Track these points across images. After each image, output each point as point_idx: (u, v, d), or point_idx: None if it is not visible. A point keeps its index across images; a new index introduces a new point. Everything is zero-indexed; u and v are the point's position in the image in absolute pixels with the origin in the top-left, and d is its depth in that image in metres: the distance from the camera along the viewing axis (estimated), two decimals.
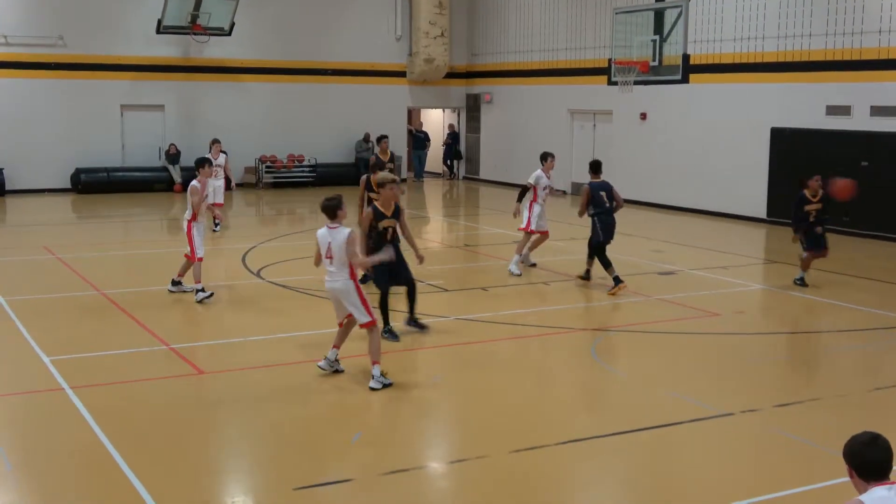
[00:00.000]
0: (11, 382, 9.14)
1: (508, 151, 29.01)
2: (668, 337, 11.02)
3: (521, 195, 14.88)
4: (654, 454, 7.48)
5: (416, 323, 10.93)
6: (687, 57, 21.67)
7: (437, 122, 34.09)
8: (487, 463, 7.17)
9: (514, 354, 10.47)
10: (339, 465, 7.14)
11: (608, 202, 13.44)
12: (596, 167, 13.74)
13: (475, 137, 31.35)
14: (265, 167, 28.08)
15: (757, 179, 21.09)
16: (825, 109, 19.58)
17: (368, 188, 13.02)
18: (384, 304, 10.52)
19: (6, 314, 11.60)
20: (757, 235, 19.88)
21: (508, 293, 13.54)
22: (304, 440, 7.68)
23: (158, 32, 25.79)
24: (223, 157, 18.91)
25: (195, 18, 25.71)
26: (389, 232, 10.54)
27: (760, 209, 21.14)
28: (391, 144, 16.45)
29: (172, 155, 26.51)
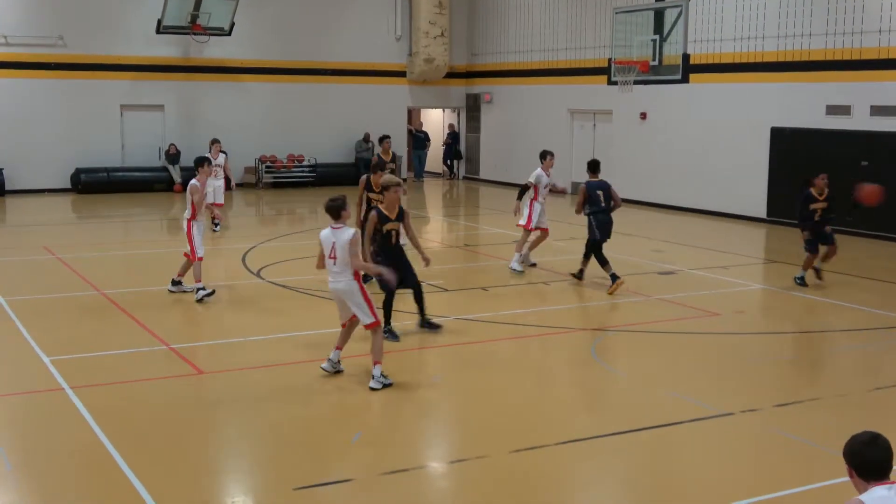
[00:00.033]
0: (11, 382, 9.15)
1: (508, 151, 29.00)
2: (668, 337, 11.02)
3: (521, 193, 14.92)
4: (654, 454, 7.48)
5: (429, 324, 10.93)
6: (687, 57, 21.69)
7: (437, 121, 34.08)
8: (487, 463, 7.17)
9: (514, 354, 10.47)
10: (339, 465, 7.14)
11: (604, 201, 13.47)
12: (593, 167, 13.77)
13: (475, 137, 31.34)
14: (265, 167, 28.08)
15: (757, 179, 21.09)
16: (825, 109, 19.58)
17: (368, 188, 13.02)
18: (388, 304, 10.51)
19: (6, 314, 11.60)
20: (757, 235, 19.88)
21: (508, 293, 13.54)
22: (303, 440, 7.68)
23: (158, 32, 25.79)
24: (223, 157, 18.90)
25: (195, 18, 25.71)
26: (394, 235, 10.40)
27: (760, 209, 21.14)
28: (391, 144, 16.45)
29: (172, 155, 26.51)
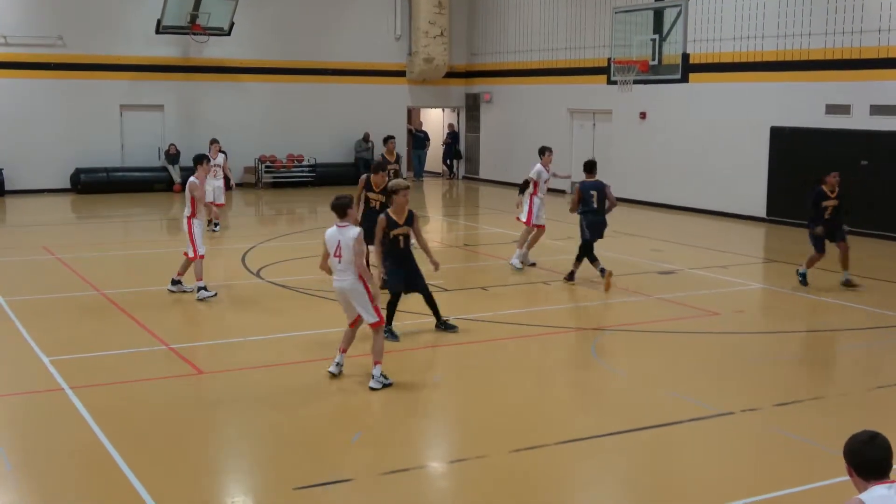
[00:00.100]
0: (11, 382, 9.15)
1: (508, 151, 28.99)
2: (667, 336, 11.02)
3: (522, 188, 14.99)
4: (654, 454, 7.48)
5: (445, 325, 10.93)
6: (686, 56, 21.72)
7: (436, 121, 34.07)
8: (487, 463, 7.17)
9: (514, 354, 10.46)
10: (339, 465, 7.14)
11: (598, 202, 13.51)
12: (589, 167, 13.82)
13: (475, 137, 31.34)
14: (265, 167, 28.08)
15: (756, 179, 21.08)
16: (825, 108, 19.58)
17: (368, 188, 13.01)
18: (392, 305, 10.49)
19: (6, 314, 11.60)
20: (756, 235, 19.87)
21: (508, 293, 13.54)
22: (303, 440, 7.68)
23: (158, 32, 25.78)
24: (222, 157, 18.91)
25: (194, 18, 25.70)
26: (401, 240, 10.34)
27: (760, 208, 21.13)
28: (396, 145, 16.46)
29: (172, 155, 26.51)
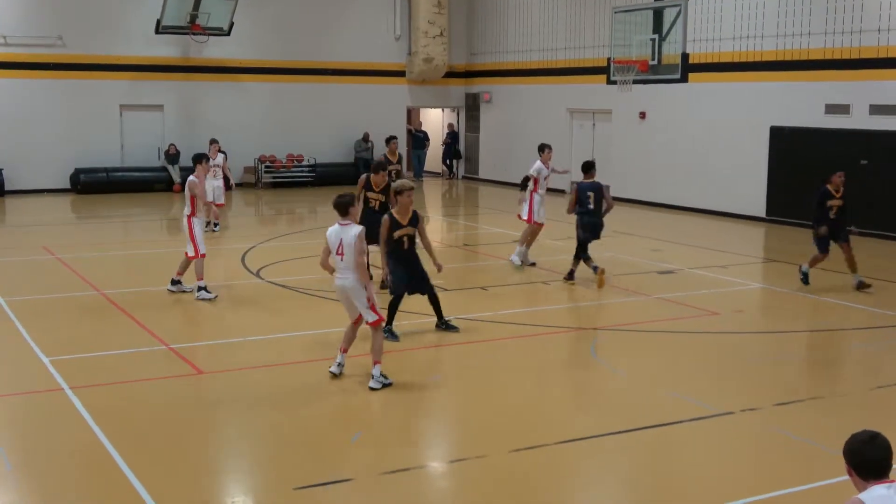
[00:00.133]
0: (11, 383, 9.15)
1: (508, 151, 28.99)
2: (667, 336, 11.02)
3: (523, 185, 15.07)
4: (654, 453, 7.48)
5: (446, 325, 10.92)
6: (686, 56, 21.73)
7: (436, 121, 34.07)
8: (487, 463, 7.17)
9: (513, 354, 10.46)
10: (339, 464, 7.14)
11: (594, 203, 13.51)
12: (587, 167, 13.83)
13: (474, 137, 31.34)
14: (264, 167, 28.08)
15: (756, 178, 21.08)
16: (824, 108, 19.58)
17: (367, 187, 13.01)
18: (393, 305, 10.49)
19: (6, 314, 11.60)
20: (756, 234, 19.88)
21: (508, 293, 13.54)
22: (303, 440, 7.68)
23: (157, 32, 25.78)
24: (221, 157, 18.91)
25: (194, 18, 25.70)
26: (405, 241, 10.32)
27: (759, 208, 21.13)
28: (398, 145, 16.47)
29: (172, 155, 26.50)
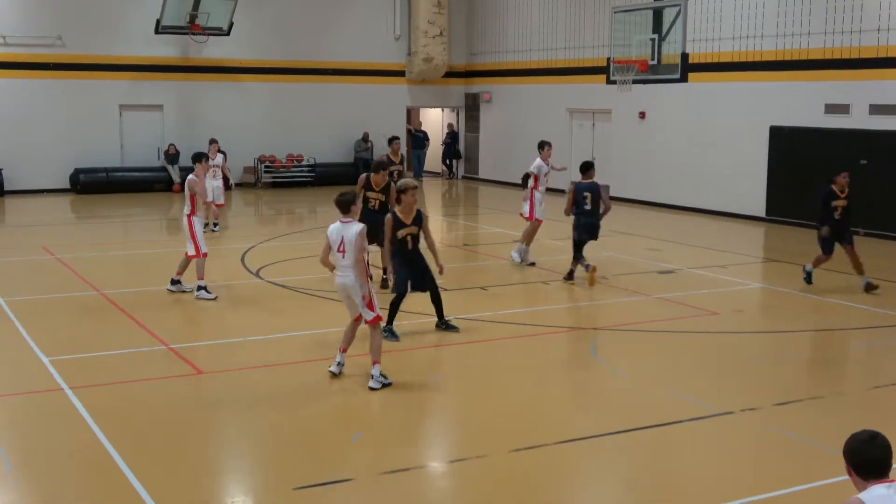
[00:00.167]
0: (11, 383, 9.15)
1: (507, 151, 28.99)
2: (667, 336, 11.02)
3: (525, 182, 15.13)
4: (653, 453, 7.48)
5: (447, 325, 10.92)
6: (686, 56, 21.73)
7: (436, 121, 34.08)
8: (487, 462, 7.18)
9: (513, 354, 10.46)
10: (338, 464, 7.14)
11: (591, 204, 13.52)
12: (584, 168, 13.85)
13: (474, 137, 31.34)
14: (264, 167, 28.08)
15: (756, 178, 21.08)
16: (824, 108, 19.58)
17: (367, 187, 13.00)
18: (395, 304, 10.49)
19: (6, 315, 11.60)
20: (756, 234, 19.88)
21: (508, 293, 13.54)
22: (303, 440, 7.68)
23: (157, 32, 25.78)
24: (221, 157, 18.90)
25: (194, 18, 25.69)
26: (409, 241, 10.31)
27: (759, 208, 21.14)
28: (400, 146, 16.49)
29: (172, 155, 26.50)
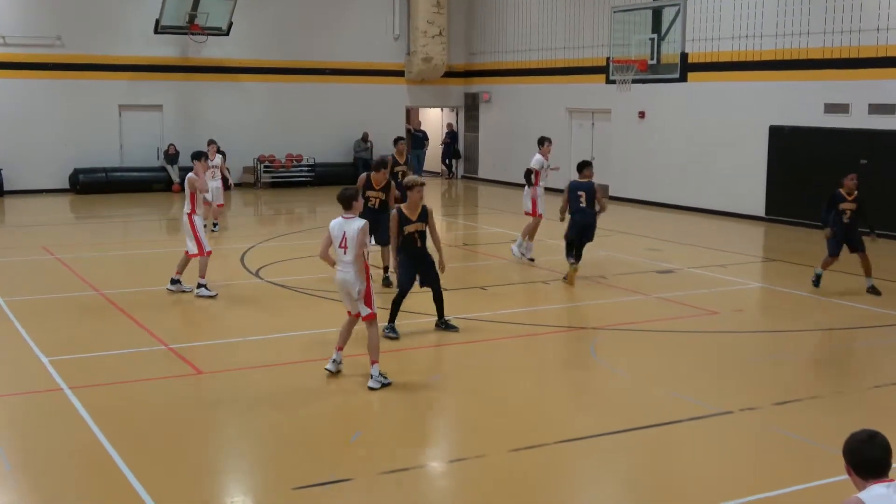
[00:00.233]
0: (11, 383, 9.15)
1: (507, 150, 28.98)
2: (667, 335, 11.03)
3: (528, 179, 15.23)
4: (653, 453, 7.48)
5: (446, 325, 10.93)
6: (685, 55, 21.70)
7: (435, 121, 34.07)
8: (487, 462, 7.18)
9: (513, 354, 10.46)
10: (338, 464, 7.13)
11: (585, 203, 13.54)
12: (581, 167, 13.88)
13: (474, 136, 31.34)
14: (263, 167, 28.07)
15: (755, 178, 21.08)
16: (823, 107, 19.58)
17: (368, 186, 13.00)
18: (396, 302, 10.48)
19: (5, 315, 11.60)
20: (755, 234, 19.88)
21: (507, 292, 13.54)
22: (303, 440, 7.68)
23: (156, 32, 25.77)
24: (220, 157, 18.91)
25: (193, 18, 25.68)
26: (417, 240, 10.32)
27: (759, 207, 21.14)
28: (391, 144, 16.46)
29: (171, 155, 26.50)
